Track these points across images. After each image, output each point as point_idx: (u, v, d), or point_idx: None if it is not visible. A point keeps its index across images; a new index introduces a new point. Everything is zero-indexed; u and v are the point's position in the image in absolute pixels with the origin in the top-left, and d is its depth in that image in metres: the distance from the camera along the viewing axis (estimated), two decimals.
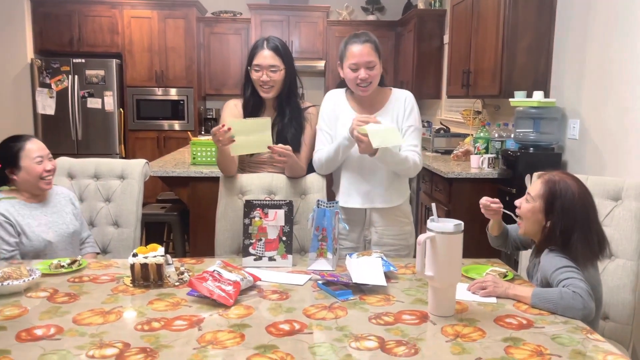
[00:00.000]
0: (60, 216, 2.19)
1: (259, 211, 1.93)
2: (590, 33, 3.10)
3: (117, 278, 1.78)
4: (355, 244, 2.24)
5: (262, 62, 2.18)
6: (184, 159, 3.91)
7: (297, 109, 2.29)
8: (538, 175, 1.81)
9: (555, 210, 1.66)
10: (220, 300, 1.52)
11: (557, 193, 1.67)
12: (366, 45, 2.08)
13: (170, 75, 6.28)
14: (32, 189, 2.13)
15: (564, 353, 1.27)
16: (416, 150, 2.17)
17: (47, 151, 2.17)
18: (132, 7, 6.15)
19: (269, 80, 2.19)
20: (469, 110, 4.83)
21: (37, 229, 2.09)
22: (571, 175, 1.73)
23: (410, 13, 6.00)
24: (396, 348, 1.28)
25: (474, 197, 3.62)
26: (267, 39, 2.22)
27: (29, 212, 2.10)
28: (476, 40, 4.05)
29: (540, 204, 1.69)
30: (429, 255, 1.47)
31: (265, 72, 2.18)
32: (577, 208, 1.65)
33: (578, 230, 1.63)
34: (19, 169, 2.09)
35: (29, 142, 2.13)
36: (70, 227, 2.20)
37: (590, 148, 3.10)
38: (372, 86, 2.13)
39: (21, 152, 2.09)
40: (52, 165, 2.16)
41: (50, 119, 6.00)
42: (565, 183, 1.68)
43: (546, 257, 1.65)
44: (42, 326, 1.38)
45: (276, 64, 2.19)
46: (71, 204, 2.27)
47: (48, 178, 2.14)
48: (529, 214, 1.73)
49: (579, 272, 1.57)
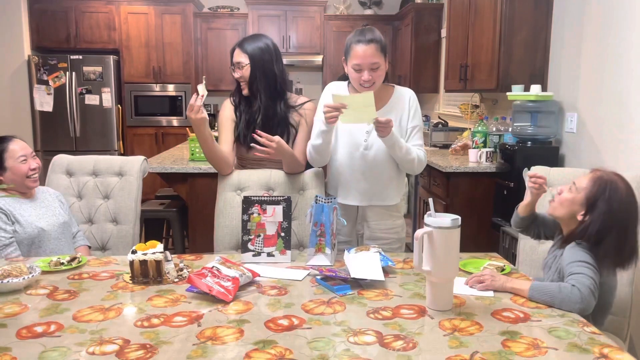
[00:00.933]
0: (49, 209, 2.24)
1: (257, 207, 1.94)
2: (587, 26, 3.10)
3: (116, 275, 1.79)
4: (348, 237, 2.26)
5: (235, 59, 2.26)
6: (183, 155, 3.91)
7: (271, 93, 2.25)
8: (591, 170, 1.74)
9: (597, 209, 1.62)
10: (219, 296, 1.53)
11: (605, 193, 1.62)
12: (371, 46, 2.05)
13: (168, 71, 6.27)
14: (20, 187, 2.17)
15: (561, 346, 1.28)
16: (421, 149, 2.20)
17: (30, 150, 2.23)
18: (129, 3, 6.14)
19: (238, 77, 2.26)
20: (466, 104, 4.83)
21: (30, 218, 2.14)
22: (623, 179, 1.67)
23: (407, 7, 5.99)
24: (394, 342, 1.29)
25: (472, 192, 3.68)
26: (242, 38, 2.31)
27: (19, 206, 2.14)
28: (473, 34, 4.05)
29: (583, 198, 1.66)
30: (426, 250, 1.48)
31: (237, 69, 2.26)
32: (620, 214, 1.61)
33: (614, 235, 1.60)
34: (5, 170, 2.14)
35: (12, 143, 2.17)
36: (60, 218, 2.24)
37: (588, 141, 3.11)
38: (375, 86, 2.11)
39: (5, 154, 2.14)
40: (36, 164, 2.21)
41: (48, 115, 5.99)
42: (616, 185, 1.63)
43: (571, 249, 1.64)
44: (42, 323, 1.39)
45: (240, 60, 2.24)
46: (58, 201, 2.31)
47: (34, 176, 2.19)
48: (566, 202, 1.70)
49: (593, 270, 1.55)
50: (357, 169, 2.18)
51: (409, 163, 2.15)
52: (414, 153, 2.14)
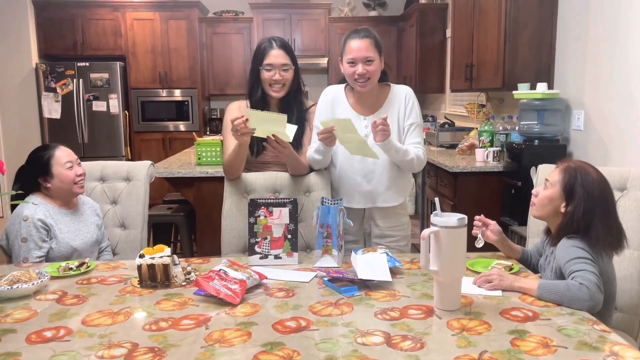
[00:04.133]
0: (85, 225, 2.24)
1: (263, 210, 1.94)
2: (592, 22, 3.09)
3: (124, 279, 1.79)
4: (355, 236, 2.27)
5: (274, 61, 2.18)
6: (189, 160, 3.93)
7: (301, 107, 2.30)
8: (557, 165, 1.79)
9: (575, 194, 1.65)
10: (226, 299, 1.53)
11: (577, 178, 1.66)
12: (365, 41, 2.09)
13: (174, 77, 6.31)
14: (66, 194, 2.18)
15: (570, 344, 1.27)
16: (419, 146, 2.18)
17: (75, 156, 2.24)
18: (134, 10, 6.18)
19: (281, 79, 2.20)
20: (472, 104, 4.82)
21: (67, 235, 2.14)
22: (589, 164, 1.73)
23: (412, 7, 5.99)
24: (402, 343, 1.28)
25: (479, 191, 3.66)
26: (274, 39, 2.23)
27: (60, 218, 2.16)
28: (478, 33, 4.04)
29: (560, 190, 1.68)
30: (433, 250, 1.48)
31: (278, 71, 2.19)
32: (597, 193, 1.65)
33: (599, 215, 1.63)
34: (52, 177, 2.14)
35: (58, 150, 2.18)
36: (94, 235, 2.26)
37: (595, 139, 3.09)
38: (370, 82, 2.13)
39: (52, 160, 2.14)
40: (82, 170, 2.22)
41: (56, 123, 6.05)
42: (585, 169, 1.68)
43: (563, 246, 1.64)
44: (51, 328, 1.40)
45: (287, 62, 2.20)
46: (96, 215, 2.33)
47: (81, 182, 2.20)
48: (546, 201, 1.72)
49: (593, 265, 1.55)
50: (358, 172, 2.18)
51: (408, 163, 2.15)
52: (412, 153, 2.13)
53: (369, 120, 2.18)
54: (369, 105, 2.21)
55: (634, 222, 1.96)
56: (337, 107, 2.23)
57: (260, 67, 2.21)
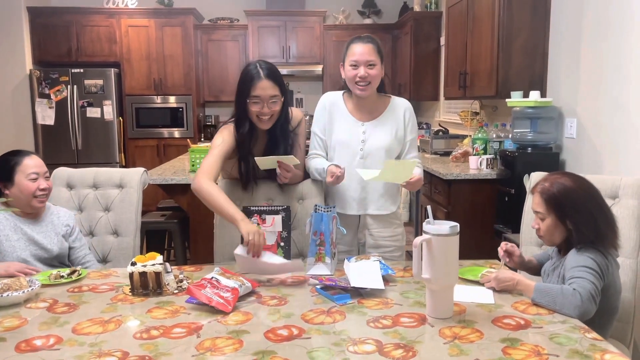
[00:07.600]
0: (45, 236, 2.11)
1: (256, 217, 1.94)
2: (585, 31, 3.11)
3: (116, 287, 1.78)
4: (349, 247, 2.26)
5: (262, 93, 2.03)
6: (184, 166, 3.92)
7: (287, 133, 2.19)
8: (531, 192, 1.82)
9: (567, 210, 1.68)
10: (218, 307, 1.53)
11: (558, 197, 1.68)
12: (368, 45, 2.12)
13: (169, 83, 6.30)
14: (23, 206, 2.06)
15: (562, 352, 1.27)
16: (416, 159, 2.24)
17: (45, 169, 2.13)
18: (129, 16, 6.18)
19: (269, 112, 2.06)
20: (466, 112, 4.84)
21: (16, 243, 2.04)
22: (559, 173, 1.77)
23: (406, 16, 6.02)
24: (394, 351, 1.28)
25: (473, 199, 3.67)
26: (262, 66, 2.06)
27: (13, 224, 2.06)
28: (472, 42, 4.06)
29: (553, 216, 1.70)
30: (425, 258, 1.48)
31: (266, 103, 2.04)
32: (582, 196, 1.68)
33: (596, 213, 1.66)
34: (12, 184, 2.05)
35: (27, 158, 2.09)
36: (55, 249, 2.11)
37: (588, 146, 3.11)
38: (370, 87, 2.14)
39: (17, 167, 2.05)
40: (47, 184, 2.11)
41: (50, 129, 6.02)
42: (558, 183, 1.70)
43: (574, 255, 1.66)
44: (41, 337, 1.39)
45: (276, 93, 2.05)
46: (64, 227, 2.19)
47: (42, 197, 2.08)
48: (548, 233, 1.74)
49: (595, 276, 1.56)
50: (354, 179, 2.18)
51: None
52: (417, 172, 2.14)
53: (367, 126, 2.19)
54: (367, 112, 2.22)
55: (626, 230, 1.97)
56: (335, 113, 2.23)
57: (247, 99, 2.06)
